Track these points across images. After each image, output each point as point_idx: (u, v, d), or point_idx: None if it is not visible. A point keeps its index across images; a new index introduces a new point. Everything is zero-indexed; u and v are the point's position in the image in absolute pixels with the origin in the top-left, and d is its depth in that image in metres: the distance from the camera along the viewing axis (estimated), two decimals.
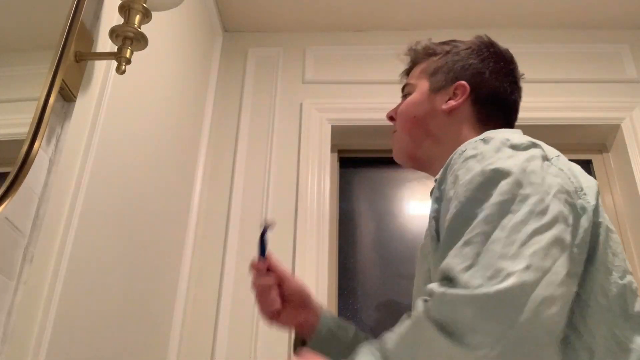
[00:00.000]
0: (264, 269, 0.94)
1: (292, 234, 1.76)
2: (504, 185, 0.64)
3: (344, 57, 2.09)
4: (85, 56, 0.99)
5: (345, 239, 1.89)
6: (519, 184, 0.64)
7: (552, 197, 0.64)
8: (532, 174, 0.65)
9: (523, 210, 0.62)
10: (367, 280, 1.84)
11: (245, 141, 1.94)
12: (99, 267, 1.10)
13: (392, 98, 1.16)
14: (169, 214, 1.56)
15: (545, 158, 0.72)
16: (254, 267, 0.95)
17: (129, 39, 0.95)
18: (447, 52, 0.96)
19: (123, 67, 0.95)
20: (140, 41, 0.96)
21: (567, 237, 0.63)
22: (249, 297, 1.70)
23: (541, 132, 2.02)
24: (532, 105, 2.01)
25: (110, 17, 1.10)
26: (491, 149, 0.70)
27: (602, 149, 2.05)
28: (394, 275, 1.83)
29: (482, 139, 0.73)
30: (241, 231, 1.78)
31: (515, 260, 0.57)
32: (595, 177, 2.00)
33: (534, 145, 0.72)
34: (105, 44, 1.07)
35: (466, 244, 0.61)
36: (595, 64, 2.06)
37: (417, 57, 1.00)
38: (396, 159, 0.99)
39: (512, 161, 0.67)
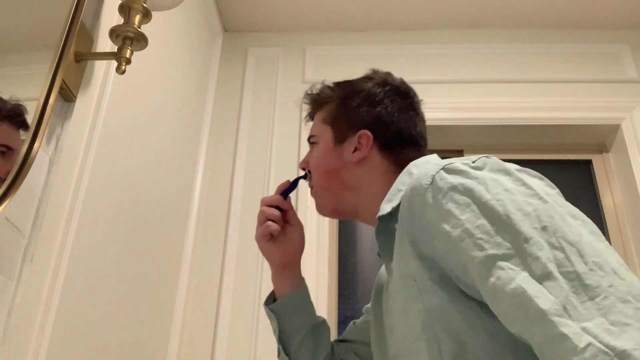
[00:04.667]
0: (278, 204, 0.97)
1: None
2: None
3: (344, 57, 2.09)
4: (85, 56, 0.99)
5: (345, 239, 1.89)
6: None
7: None
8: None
9: None
10: (367, 280, 1.84)
11: (245, 141, 1.94)
12: (99, 267, 1.10)
13: None
14: (169, 214, 1.56)
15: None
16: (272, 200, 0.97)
17: (129, 39, 0.95)
18: (344, 99, 0.92)
19: (123, 67, 0.95)
20: (140, 41, 0.96)
21: None
22: (249, 297, 1.71)
23: (541, 132, 2.03)
24: (532, 105, 2.02)
25: (110, 17, 1.10)
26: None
27: (602, 149, 2.05)
28: None
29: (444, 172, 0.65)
30: (241, 231, 1.78)
31: None
32: (595, 177, 2.02)
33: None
34: (105, 44, 1.07)
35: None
36: (595, 64, 2.06)
37: (316, 104, 0.97)
38: (321, 214, 0.97)
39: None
